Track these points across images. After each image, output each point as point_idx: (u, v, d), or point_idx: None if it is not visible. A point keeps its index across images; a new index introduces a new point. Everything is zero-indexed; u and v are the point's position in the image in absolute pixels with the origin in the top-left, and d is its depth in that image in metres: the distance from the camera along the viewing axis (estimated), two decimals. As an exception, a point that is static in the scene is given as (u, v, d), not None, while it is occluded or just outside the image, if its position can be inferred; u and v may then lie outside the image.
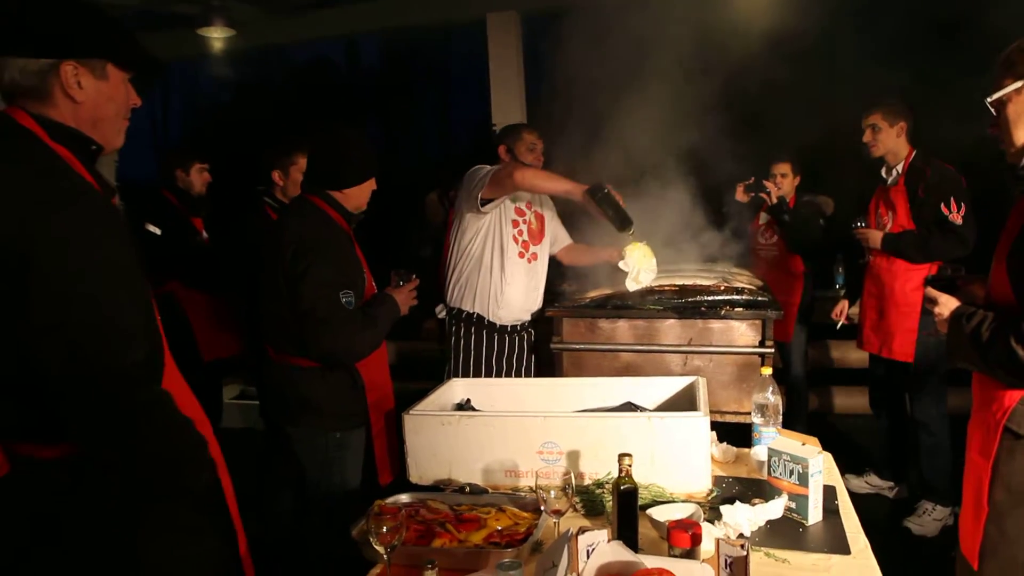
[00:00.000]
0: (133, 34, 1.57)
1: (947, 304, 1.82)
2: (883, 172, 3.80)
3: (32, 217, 1.31)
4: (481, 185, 3.13)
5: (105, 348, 1.34)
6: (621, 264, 3.19)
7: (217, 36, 6.01)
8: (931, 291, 1.89)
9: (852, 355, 5.42)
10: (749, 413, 2.38)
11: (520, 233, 3.30)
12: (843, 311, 4.21)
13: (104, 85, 1.50)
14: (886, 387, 3.97)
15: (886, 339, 3.74)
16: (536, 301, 3.42)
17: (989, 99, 1.75)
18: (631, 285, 3.15)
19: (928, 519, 3.61)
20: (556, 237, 3.58)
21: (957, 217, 3.47)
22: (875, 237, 3.71)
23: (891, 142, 3.68)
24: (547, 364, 3.38)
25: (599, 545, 1.46)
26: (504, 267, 3.27)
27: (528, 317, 3.42)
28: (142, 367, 1.40)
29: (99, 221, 1.38)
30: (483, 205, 3.15)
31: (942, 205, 3.49)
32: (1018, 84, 1.71)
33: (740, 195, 4.62)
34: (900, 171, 3.68)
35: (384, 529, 1.59)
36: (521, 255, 3.32)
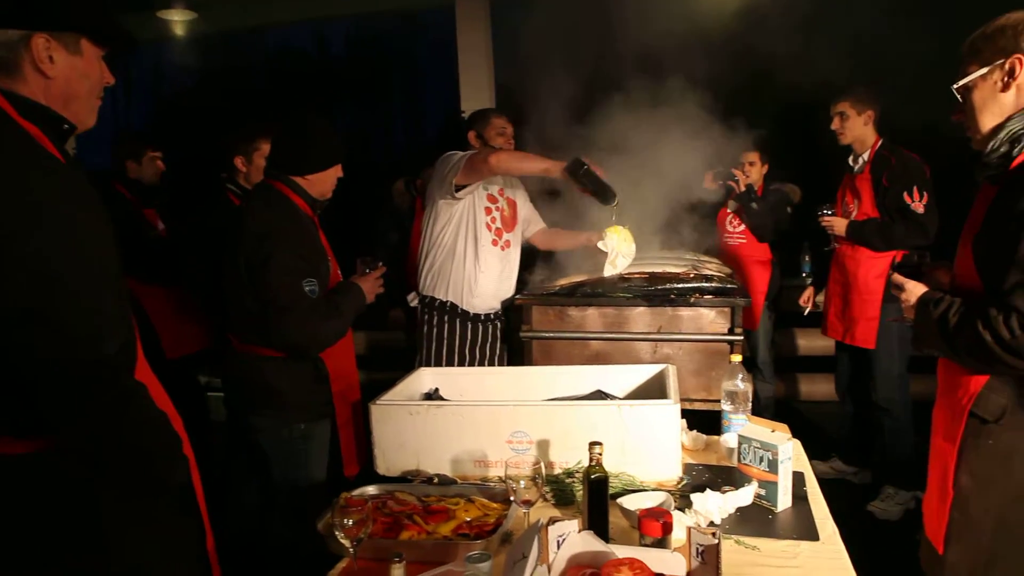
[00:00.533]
0: (108, 8, 1.49)
1: (914, 290, 1.82)
2: (850, 160, 3.84)
3: (3, 197, 1.24)
4: (455, 171, 3.08)
5: (82, 335, 1.28)
6: (600, 244, 3.17)
7: (178, 19, 5.86)
8: (897, 277, 1.90)
9: (818, 342, 5.46)
10: (718, 400, 2.38)
11: (493, 220, 3.27)
12: (810, 298, 4.25)
13: (78, 61, 1.42)
14: (851, 373, 4.01)
15: (849, 326, 3.79)
16: (508, 289, 3.39)
17: (955, 86, 1.75)
18: (608, 269, 3.14)
19: (891, 503, 3.66)
20: (529, 222, 3.54)
21: (919, 206, 3.51)
22: (840, 225, 3.75)
23: (858, 130, 3.71)
24: (517, 352, 3.37)
25: (569, 535, 1.44)
26: (478, 255, 3.24)
27: (500, 305, 3.39)
28: (118, 356, 1.34)
29: (75, 201, 1.32)
30: (457, 191, 3.11)
31: (905, 194, 3.53)
32: (983, 71, 1.71)
33: (708, 182, 4.62)
34: (866, 159, 3.72)
35: (350, 522, 1.56)
36: (495, 242, 3.28)
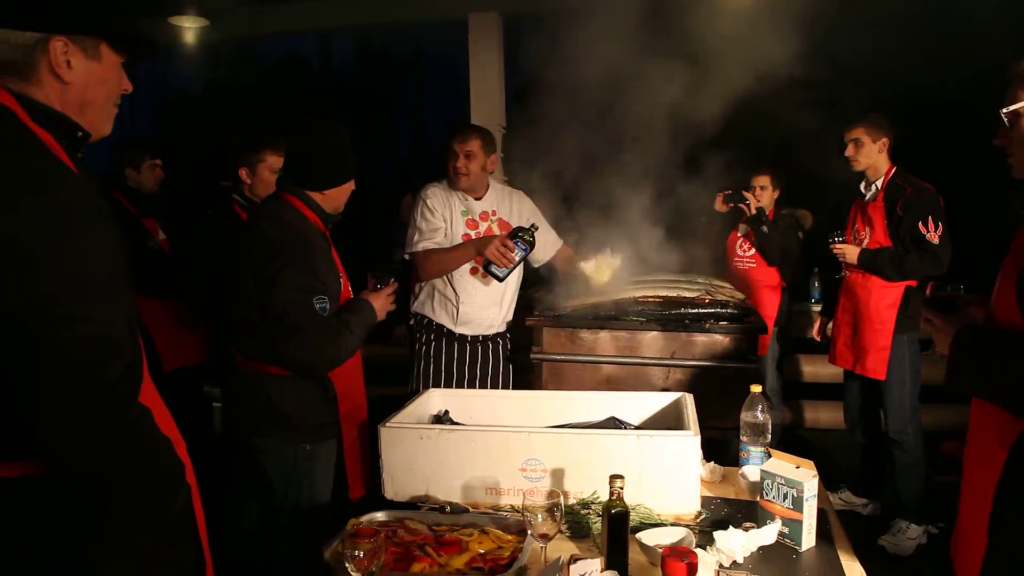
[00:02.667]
0: (131, 13, 1.42)
1: (948, 324, 1.76)
2: (862, 187, 3.79)
3: (8, 206, 1.17)
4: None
5: (86, 358, 1.21)
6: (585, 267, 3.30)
7: (189, 25, 5.81)
8: (930, 311, 1.84)
9: (822, 369, 5.41)
10: (730, 428, 2.31)
11: None
12: (820, 329, 4.18)
13: (96, 66, 1.36)
14: (860, 403, 3.94)
15: (859, 355, 3.72)
16: (499, 316, 3.31)
17: (1004, 110, 1.68)
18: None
19: (903, 538, 3.58)
20: (545, 243, 3.44)
21: (934, 236, 3.46)
22: (852, 252, 3.68)
23: (873, 157, 3.67)
24: (525, 371, 3.30)
25: (592, 575, 1.37)
26: (455, 283, 3.20)
27: (493, 332, 3.31)
28: (122, 380, 1.27)
29: (84, 213, 1.25)
30: None
31: (920, 223, 3.48)
32: None
33: (719, 205, 4.59)
34: (879, 186, 3.67)
35: (360, 553, 1.48)
36: (474, 271, 3.21)
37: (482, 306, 3.24)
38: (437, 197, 3.24)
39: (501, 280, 3.11)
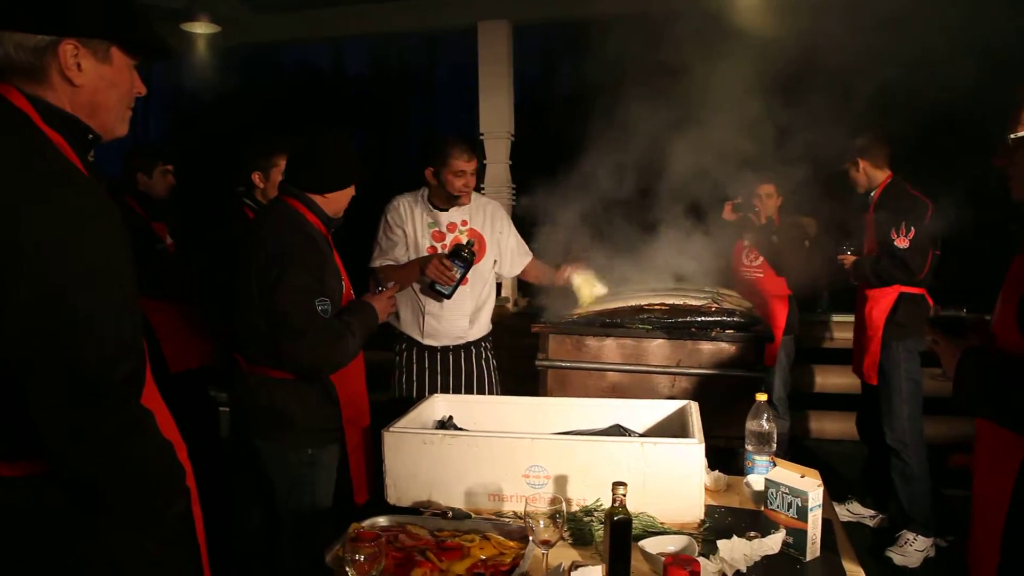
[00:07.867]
0: (144, 16, 1.43)
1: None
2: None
3: (19, 207, 1.19)
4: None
5: (92, 359, 1.22)
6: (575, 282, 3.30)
7: (201, 32, 5.84)
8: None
9: (832, 379, 5.40)
10: (736, 438, 2.30)
11: None
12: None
13: (106, 69, 1.37)
14: (870, 412, 3.92)
15: (859, 360, 3.82)
16: (467, 327, 3.25)
17: (1013, 136, 1.66)
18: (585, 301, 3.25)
19: (910, 549, 3.55)
20: (513, 254, 3.41)
21: (903, 241, 3.52)
22: (848, 262, 3.79)
23: (860, 178, 3.78)
24: (529, 379, 3.28)
25: (593, 582, 1.36)
26: (418, 294, 3.18)
27: (464, 342, 3.27)
28: (127, 382, 1.28)
29: (94, 215, 1.26)
30: None
31: (892, 230, 3.56)
32: None
33: (728, 214, 4.57)
34: (873, 196, 3.73)
35: (361, 557, 1.48)
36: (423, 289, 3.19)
37: (447, 319, 3.21)
38: (398, 211, 3.22)
39: (448, 298, 3.08)
